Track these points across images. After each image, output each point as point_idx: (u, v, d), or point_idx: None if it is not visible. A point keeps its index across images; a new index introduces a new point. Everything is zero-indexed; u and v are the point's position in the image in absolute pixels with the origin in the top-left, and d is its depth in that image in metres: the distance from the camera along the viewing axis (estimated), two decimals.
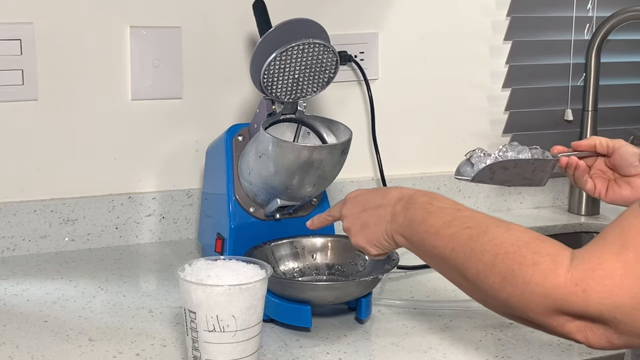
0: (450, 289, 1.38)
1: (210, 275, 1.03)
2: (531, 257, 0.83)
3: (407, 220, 1.01)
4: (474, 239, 0.91)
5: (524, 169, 1.21)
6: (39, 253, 1.51)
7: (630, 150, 1.21)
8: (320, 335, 1.18)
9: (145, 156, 1.58)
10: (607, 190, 1.22)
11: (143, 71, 1.55)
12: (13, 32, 1.46)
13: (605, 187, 1.23)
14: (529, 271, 0.83)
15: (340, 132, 1.31)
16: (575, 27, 1.86)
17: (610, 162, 1.22)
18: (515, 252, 0.85)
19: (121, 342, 1.15)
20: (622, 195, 1.22)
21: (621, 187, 1.21)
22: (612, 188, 1.22)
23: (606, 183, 1.23)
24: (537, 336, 1.18)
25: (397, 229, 1.03)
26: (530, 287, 0.83)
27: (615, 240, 0.80)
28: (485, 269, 0.88)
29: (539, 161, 1.21)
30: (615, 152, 1.21)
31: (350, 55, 1.65)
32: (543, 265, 0.82)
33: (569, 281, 0.80)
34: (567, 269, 0.81)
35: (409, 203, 1.02)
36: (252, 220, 1.32)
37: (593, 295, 0.79)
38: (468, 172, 1.21)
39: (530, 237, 0.86)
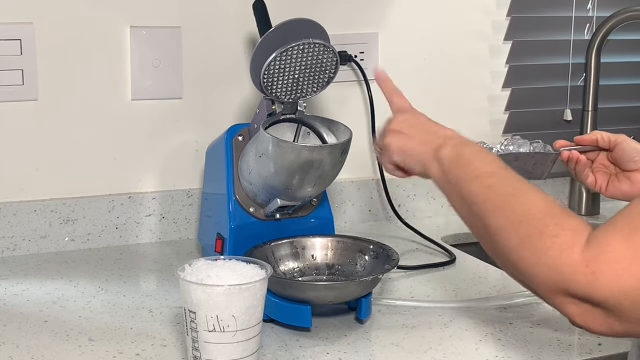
0: (450, 289, 1.38)
1: (210, 275, 1.03)
2: (553, 228, 0.84)
3: (454, 154, 1.03)
4: (509, 196, 0.92)
5: (524, 162, 1.22)
6: (39, 253, 1.51)
7: (632, 145, 1.21)
8: (320, 335, 1.18)
9: (145, 156, 1.59)
10: (607, 184, 1.23)
11: (143, 71, 1.55)
12: (13, 32, 1.46)
13: (605, 181, 1.23)
14: (547, 242, 0.83)
15: (340, 132, 1.31)
16: (575, 27, 1.86)
17: (612, 157, 1.23)
18: (541, 219, 0.86)
19: (121, 342, 1.15)
20: (621, 190, 1.23)
21: (621, 181, 1.22)
22: (613, 183, 1.23)
23: (607, 177, 1.23)
24: (537, 336, 1.18)
25: (438, 157, 1.04)
26: (544, 258, 0.83)
27: (625, 226, 0.81)
28: (508, 227, 0.88)
29: (539, 155, 1.22)
30: (617, 147, 1.22)
31: (350, 55, 1.65)
32: (562, 239, 0.83)
33: (581, 261, 0.81)
34: (582, 248, 0.81)
35: (463, 142, 1.05)
36: (252, 220, 1.32)
37: (601, 278, 0.79)
38: None
39: (561, 210, 0.87)
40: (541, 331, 1.20)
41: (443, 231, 1.69)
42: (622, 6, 1.75)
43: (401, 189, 1.76)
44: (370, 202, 1.74)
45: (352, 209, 1.73)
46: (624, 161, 1.21)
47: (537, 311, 1.28)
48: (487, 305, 1.29)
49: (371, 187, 1.74)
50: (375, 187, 1.74)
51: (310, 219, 1.36)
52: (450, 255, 1.53)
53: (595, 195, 1.84)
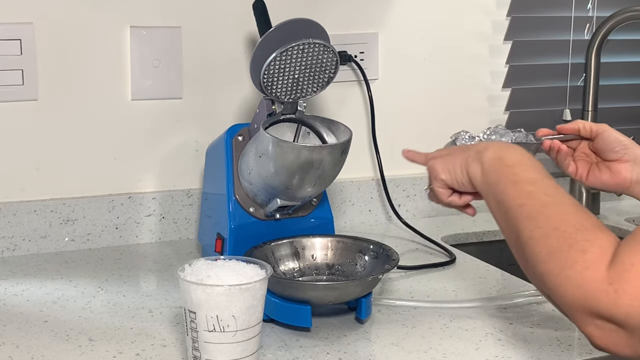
0: (450, 289, 1.38)
1: (210, 275, 1.03)
2: (583, 244, 0.83)
3: (497, 155, 1.02)
4: (546, 206, 0.91)
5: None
6: (39, 253, 1.51)
7: (613, 135, 1.22)
8: (320, 335, 1.18)
9: (145, 156, 1.59)
10: (588, 173, 1.24)
11: (143, 71, 1.55)
12: (13, 32, 1.46)
13: (586, 170, 1.25)
14: (574, 256, 0.83)
15: (340, 132, 1.31)
16: (575, 27, 1.86)
17: (593, 146, 1.24)
18: (572, 233, 0.85)
19: (121, 342, 1.15)
20: (601, 180, 1.24)
21: (602, 171, 1.23)
22: (593, 172, 1.24)
23: (588, 166, 1.24)
24: (537, 336, 1.18)
25: (480, 158, 1.03)
26: (569, 272, 0.82)
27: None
28: (539, 237, 0.88)
29: (521, 144, 1.23)
30: (599, 136, 1.23)
31: (350, 55, 1.65)
32: (589, 255, 0.82)
33: (605, 279, 0.80)
34: (608, 266, 0.80)
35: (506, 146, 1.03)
36: (252, 220, 1.32)
37: (624, 297, 0.78)
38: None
39: (592, 224, 0.86)
40: (541, 331, 1.20)
41: (443, 231, 1.69)
42: (622, 6, 1.75)
43: (401, 189, 1.76)
44: (370, 202, 1.74)
45: (352, 209, 1.73)
46: (605, 151, 1.22)
47: (537, 311, 1.28)
48: (487, 305, 1.29)
49: (371, 187, 1.74)
50: (375, 187, 1.74)
51: (310, 219, 1.36)
52: (450, 255, 1.53)
53: (595, 195, 1.84)
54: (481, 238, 1.72)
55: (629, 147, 1.22)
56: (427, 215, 1.79)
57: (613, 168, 1.22)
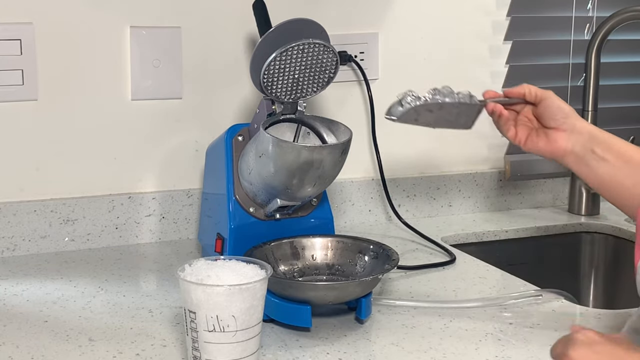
0: (450, 289, 1.38)
1: (210, 275, 1.03)
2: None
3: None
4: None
5: (448, 112, 1.24)
6: (39, 253, 1.51)
7: (557, 103, 1.23)
8: (320, 335, 1.18)
9: (145, 156, 1.59)
10: (526, 139, 1.25)
11: (143, 71, 1.55)
12: (13, 32, 1.46)
13: (525, 135, 1.25)
14: None
15: (340, 132, 1.31)
16: (575, 27, 1.86)
17: (536, 112, 1.25)
18: None
19: (121, 342, 1.15)
20: (537, 146, 1.25)
21: (539, 137, 1.24)
22: (531, 137, 1.25)
23: (528, 132, 1.25)
24: (537, 336, 1.18)
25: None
26: None
27: None
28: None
29: (464, 105, 1.24)
30: (542, 103, 1.24)
31: (350, 55, 1.65)
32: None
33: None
34: None
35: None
36: (252, 220, 1.32)
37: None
38: (396, 112, 1.22)
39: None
40: (541, 331, 1.20)
41: (443, 231, 1.69)
42: (622, 6, 1.74)
43: (401, 189, 1.76)
44: (370, 202, 1.74)
45: (352, 209, 1.73)
46: (546, 118, 1.23)
47: (537, 311, 1.28)
48: (487, 305, 1.29)
49: (371, 187, 1.74)
50: (375, 187, 1.74)
51: (310, 219, 1.36)
52: (450, 255, 1.53)
53: (595, 195, 1.84)
54: (481, 238, 1.72)
55: (569, 116, 1.23)
56: (427, 215, 1.79)
57: (550, 136, 1.23)
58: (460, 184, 1.82)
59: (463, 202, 1.83)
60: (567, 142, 1.22)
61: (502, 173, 1.86)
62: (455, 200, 1.82)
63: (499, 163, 1.86)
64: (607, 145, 1.21)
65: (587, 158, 1.22)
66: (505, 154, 1.85)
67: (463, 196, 1.82)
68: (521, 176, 1.85)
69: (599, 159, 1.21)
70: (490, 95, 1.27)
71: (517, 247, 1.75)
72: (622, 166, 1.21)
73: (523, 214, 1.85)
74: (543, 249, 1.78)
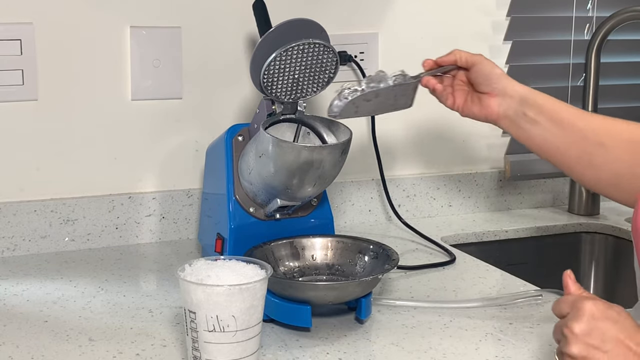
0: (450, 289, 1.38)
1: (210, 275, 1.03)
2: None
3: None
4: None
5: (386, 97, 1.25)
6: (39, 253, 1.51)
7: (486, 69, 1.24)
8: (320, 335, 1.18)
9: (145, 156, 1.59)
10: (463, 105, 1.27)
11: (143, 71, 1.55)
12: (13, 32, 1.46)
13: (462, 102, 1.27)
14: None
15: (340, 132, 1.31)
16: (575, 27, 1.86)
17: (469, 77, 1.27)
18: None
19: (121, 342, 1.15)
20: (472, 112, 1.27)
21: (474, 102, 1.26)
22: (467, 103, 1.27)
23: (464, 97, 1.27)
24: (537, 336, 1.18)
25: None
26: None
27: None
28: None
29: (399, 87, 1.26)
30: (473, 68, 1.26)
31: (350, 55, 1.65)
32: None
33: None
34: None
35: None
36: (252, 220, 1.32)
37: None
38: (336, 109, 1.24)
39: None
40: (541, 331, 1.20)
41: (443, 231, 1.69)
42: (622, 6, 1.75)
43: (401, 189, 1.76)
44: (370, 202, 1.74)
45: (352, 209, 1.73)
46: (478, 83, 1.25)
47: (537, 311, 1.28)
48: (487, 305, 1.29)
49: (371, 187, 1.74)
50: (375, 187, 1.74)
51: (310, 219, 1.36)
52: (450, 255, 1.53)
53: (595, 195, 1.84)
54: (481, 238, 1.72)
55: (499, 81, 1.24)
56: (427, 215, 1.79)
57: (483, 101, 1.25)
58: (460, 184, 1.82)
59: (463, 202, 1.83)
60: (500, 107, 1.24)
61: (502, 173, 1.86)
62: (455, 200, 1.82)
63: (499, 163, 1.86)
64: (538, 108, 1.22)
65: (520, 121, 1.23)
66: (505, 154, 1.85)
67: (463, 196, 1.82)
68: (521, 176, 1.85)
69: (531, 122, 1.23)
70: (426, 65, 1.29)
71: (517, 247, 1.75)
72: (554, 128, 1.22)
73: (523, 214, 1.85)
74: (543, 249, 1.78)
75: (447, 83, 1.29)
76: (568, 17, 1.85)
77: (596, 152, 1.20)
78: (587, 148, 1.21)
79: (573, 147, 1.21)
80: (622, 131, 1.21)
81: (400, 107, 1.30)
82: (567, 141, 1.21)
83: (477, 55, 1.27)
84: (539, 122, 1.22)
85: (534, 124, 1.22)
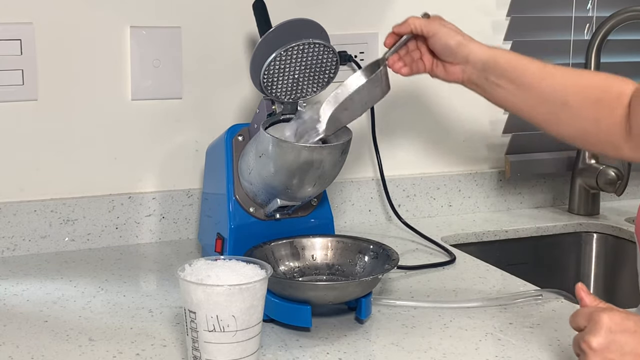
0: (450, 289, 1.38)
1: (210, 275, 1.03)
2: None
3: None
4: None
5: (361, 96, 1.26)
6: (39, 253, 1.51)
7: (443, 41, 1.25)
8: (320, 335, 1.18)
9: (145, 156, 1.59)
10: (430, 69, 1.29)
11: (143, 71, 1.55)
12: (13, 32, 1.45)
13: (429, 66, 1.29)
14: None
15: (340, 132, 1.31)
16: (575, 27, 1.85)
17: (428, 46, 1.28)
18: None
19: (121, 342, 1.15)
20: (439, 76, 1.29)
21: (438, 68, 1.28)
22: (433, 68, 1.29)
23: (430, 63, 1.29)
24: (537, 336, 1.18)
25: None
26: None
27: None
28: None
29: (369, 83, 1.26)
30: (430, 40, 1.26)
31: (350, 55, 1.65)
32: None
33: None
34: None
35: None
36: (252, 220, 1.32)
37: None
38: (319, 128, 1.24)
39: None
40: (541, 331, 1.20)
41: (443, 231, 1.69)
42: (622, 6, 1.74)
43: (401, 189, 1.76)
44: (370, 202, 1.74)
45: (352, 209, 1.73)
46: (438, 53, 1.27)
47: (537, 311, 1.28)
48: (487, 305, 1.29)
49: (371, 187, 1.74)
50: (375, 187, 1.74)
51: (310, 219, 1.36)
52: (450, 255, 1.53)
53: (595, 195, 1.84)
54: (481, 238, 1.72)
55: (459, 50, 1.25)
56: (427, 215, 1.79)
57: (447, 68, 1.27)
58: (460, 184, 1.82)
59: (463, 202, 1.83)
60: (463, 74, 1.26)
61: (502, 173, 1.86)
62: (455, 200, 1.82)
63: (499, 163, 1.86)
64: (500, 72, 1.24)
65: (484, 85, 1.25)
66: (505, 154, 1.85)
67: (463, 196, 1.82)
68: (521, 176, 1.85)
69: (494, 86, 1.24)
70: (387, 44, 1.30)
71: (517, 247, 1.75)
72: (516, 91, 1.24)
73: (523, 214, 1.85)
74: (543, 249, 1.78)
75: (412, 48, 1.30)
76: (568, 17, 1.85)
77: (561, 111, 1.22)
78: (552, 108, 1.23)
79: (537, 107, 1.24)
80: (585, 87, 1.23)
81: (380, 97, 1.30)
82: (531, 103, 1.24)
83: (433, 23, 1.27)
84: (502, 85, 1.24)
85: (497, 87, 1.24)
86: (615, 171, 1.76)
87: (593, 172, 1.80)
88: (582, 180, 1.83)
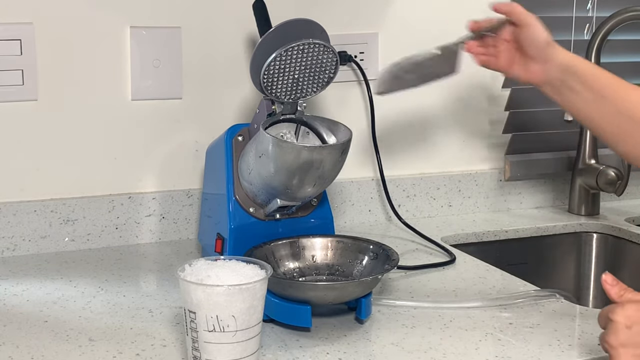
0: (450, 289, 1.38)
1: (210, 275, 1.03)
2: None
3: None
4: None
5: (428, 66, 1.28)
6: (39, 253, 1.51)
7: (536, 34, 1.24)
8: (320, 335, 1.18)
9: (145, 156, 1.59)
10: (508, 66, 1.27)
11: (143, 71, 1.55)
12: (13, 32, 1.46)
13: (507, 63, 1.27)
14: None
15: (340, 132, 1.31)
16: (575, 27, 1.86)
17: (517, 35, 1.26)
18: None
19: (121, 342, 1.15)
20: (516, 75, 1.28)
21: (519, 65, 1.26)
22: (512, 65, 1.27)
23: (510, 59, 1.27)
24: (537, 336, 1.18)
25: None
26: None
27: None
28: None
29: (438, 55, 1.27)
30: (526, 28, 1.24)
31: (350, 55, 1.65)
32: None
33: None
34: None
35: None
36: (252, 220, 1.32)
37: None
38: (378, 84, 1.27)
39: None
40: (541, 331, 1.20)
41: (443, 231, 1.69)
42: (622, 6, 1.74)
43: (401, 189, 1.76)
44: (370, 202, 1.74)
45: (352, 209, 1.73)
46: (526, 45, 1.25)
47: (537, 311, 1.28)
48: (487, 305, 1.29)
49: (371, 187, 1.74)
50: (375, 187, 1.74)
51: (310, 219, 1.36)
52: (450, 255, 1.53)
53: (595, 195, 1.84)
54: (481, 238, 1.72)
55: (545, 48, 1.24)
56: (427, 215, 1.79)
57: (529, 66, 1.25)
58: (460, 184, 1.82)
59: (463, 202, 1.83)
60: (543, 73, 1.25)
61: (502, 173, 1.86)
62: (455, 200, 1.82)
63: (499, 163, 1.86)
64: (579, 77, 1.23)
65: (562, 89, 1.24)
66: (505, 154, 1.85)
67: (463, 196, 1.82)
68: (521, 176, 1.85)
69: (572, 91, 1.23)
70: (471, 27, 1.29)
71: (517, 247, 1.75)
72: (593, 99, 1.23)
73: (523, 214, 1.85)
74: (543, 249, 1.78)
75: (490, 43, 1.29)
76: (568, 17, 1.85)
77: (632, 128, 1.21)
78: (624, 124, 1.21)
79: (610, 119, 1.22)
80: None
81: (446, 75, 1.29)
82: (604, 113, 1.22)
83: (531, 16, 1.26)
84: (580, 91, 1.23)
85: (575, 93, 1.23)
86: (615, 171, 1.76)
87: (593, 172, 1.79)
88: (582, 181, 1.83)
